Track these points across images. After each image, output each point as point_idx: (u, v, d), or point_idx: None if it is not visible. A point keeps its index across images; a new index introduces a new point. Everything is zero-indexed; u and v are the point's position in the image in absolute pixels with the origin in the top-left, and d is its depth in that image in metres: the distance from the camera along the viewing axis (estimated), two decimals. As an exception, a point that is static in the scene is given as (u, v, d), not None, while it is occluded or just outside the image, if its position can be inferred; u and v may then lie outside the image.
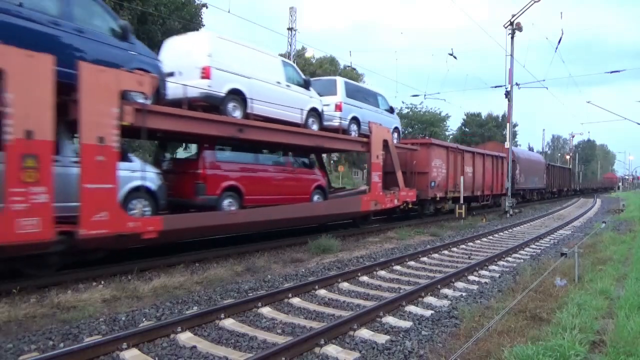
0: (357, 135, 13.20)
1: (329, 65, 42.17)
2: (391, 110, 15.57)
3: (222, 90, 9.16)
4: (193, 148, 10.31)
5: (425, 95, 29.26)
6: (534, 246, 11.91)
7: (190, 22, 22.80)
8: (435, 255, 10.24)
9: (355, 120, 13.12)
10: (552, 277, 7.12)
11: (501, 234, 14.46)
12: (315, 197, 12.12)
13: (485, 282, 7.67)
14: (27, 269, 6.90)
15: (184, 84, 8.53)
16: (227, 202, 9.58)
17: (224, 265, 8.64)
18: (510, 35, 21.62)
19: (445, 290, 7.08)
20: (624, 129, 79.72)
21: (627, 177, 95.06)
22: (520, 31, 21.62)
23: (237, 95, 9.45)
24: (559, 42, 24.28)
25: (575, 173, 56.93)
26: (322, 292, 6.86)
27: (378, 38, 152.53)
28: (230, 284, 7.27)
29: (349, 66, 38.85)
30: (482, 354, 4.24)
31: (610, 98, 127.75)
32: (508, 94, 22.10)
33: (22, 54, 6.03)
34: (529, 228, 16.41)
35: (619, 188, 71.65)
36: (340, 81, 13.16)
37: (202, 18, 24.22)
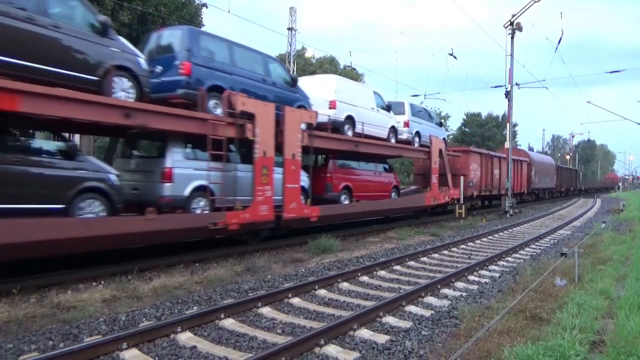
0: (418, 145, 16.70)
1: (329, 65, 42.12)
2: (440, 124, 19.52)
3: (342, 117, 12.64)
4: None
5: (425, 95, 29.18)
6: (534, 246, 11.91)
7: (190, 22, 22.77)
8: (435, 255, 10.24)
9: (417, 134, 16.67)
10: (552, 277, 7.12)
11: (501, 234, 14.46)
12: (393, 195, 15.79)
13: (485, 282, 7.67)
14: (248, 238, 10.54)
15: (324, 114, 12.00)
16: (343, 197, 13.22)
17: (224, 265, 8.64)
18: (510, 35, 21.61)
19: (445, 290, 7.07)
20: (624, 129, 79.93)
21: (627, 177, 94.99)
22: (520, 31, 21.61)
23: (350, 119, 12.92)
24: (559, 42, 24.34)
25: (580, 174, 57.94)
26: (322, 292, 6.86)
27: (378, 38, 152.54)
28: (230, 284, 7.27)
29: (349, 66, 38.82)
30: (482, 354, 4.24)
31: (610, 98, 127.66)
32: (508, 94, 22.10)
33: (262, 103, 9.67)
34: (529, 228, 16.41)
35: (618, 188, 71.66)
36: (407, 103, 16.71)
37: (202, 18, 24.19)
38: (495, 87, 40.04)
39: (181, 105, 8.49)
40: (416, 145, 16.56)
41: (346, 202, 13.16)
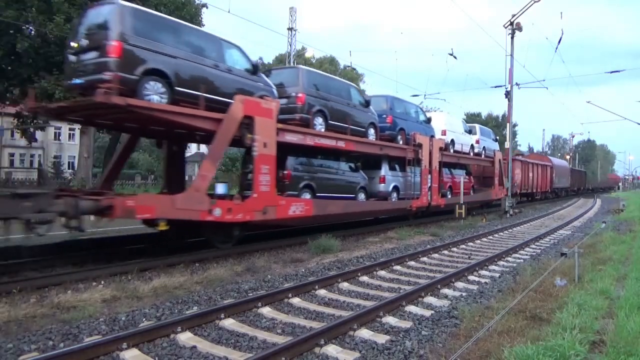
0: (484, 156, 22.88)
1: (329, 65, 42.15)
2: (496, 139, 25.36)
3: (449, 140, 18.93)
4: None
5: (425, 95, 29.43)
6: (534, 246, 11.91)
7: (190, 22, 22.70)
8: (435, 255, 10.24)
9: (484, 148, 22.67)
10: (552, 277, 7.12)
11: (501, 234, 14.47)
12: (471, 192, 21.55)
13: (485, 282, 7.66)
14: (411, 217, 16.45)
15: (436, 137, 17.79)
16: (448, 192, 19.20)
17: (224, 265, 8.64)
18: (510, 35, 21.64)
19: (445, 290, 7.07)
20: (624, 129, 79.82)
21: (627, 177, 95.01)
22: (520, 31, 21.64)
23: (452, 142, 19.27)
24: (559, 42, 24.49)
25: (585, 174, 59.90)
26: (322, 292, 6.86)
27: (378, 38, 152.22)
28: (230, 284, 7.27)
29: (348, 66, 38.96)
30: (482, 354, 4.24)
31: (610, 98, 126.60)
32: (508, 94, 22.14)
33: (425, 137, 16.42)
34: (529, 228, 16.42)
35: (619, 188, 71.69)
36: (478, 127, 23.38)
37: (202, 18, 24.18)
38: (495, 87, 40.12)
39: (385, 140, 14.54)
40: (483, 156, 22.75)
41: (449, 196, 18.95)
